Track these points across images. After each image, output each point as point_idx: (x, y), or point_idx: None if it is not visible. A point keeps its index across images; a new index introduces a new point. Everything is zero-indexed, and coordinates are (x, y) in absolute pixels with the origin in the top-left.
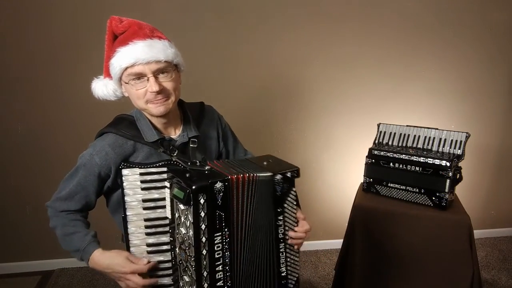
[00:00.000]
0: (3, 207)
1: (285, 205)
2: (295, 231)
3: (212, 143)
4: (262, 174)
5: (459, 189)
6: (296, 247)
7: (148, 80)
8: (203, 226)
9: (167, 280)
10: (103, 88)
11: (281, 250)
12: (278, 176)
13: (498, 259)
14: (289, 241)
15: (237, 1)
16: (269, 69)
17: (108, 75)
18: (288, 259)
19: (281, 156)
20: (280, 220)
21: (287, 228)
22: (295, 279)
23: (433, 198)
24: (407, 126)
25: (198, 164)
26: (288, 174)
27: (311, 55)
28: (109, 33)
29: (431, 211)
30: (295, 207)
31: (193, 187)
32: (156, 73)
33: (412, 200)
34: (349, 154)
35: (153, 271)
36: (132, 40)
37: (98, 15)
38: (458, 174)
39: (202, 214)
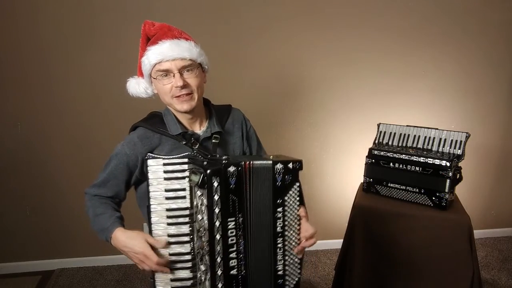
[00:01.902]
0: (3, 208)
1: (286, 198)
2: (299, 231)
3: (236, 142)
4: (262, 162)
5: (459, 189)
6: (295, 250)
7: (174, 76)
8: (216, 210)
9: (186, 274)
10: (135, 86)
11: (278, 246)
12: (279, 165)
13: (498, 259)
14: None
15: (236, 2)
16: (268, 69)
17: (141, 74)
18: (287, 257)
19: None
20: (279, 212)
21: (286, 223)
22: (294, 282)
23: (433, 198)
24: (407, 126)
25: (217, 157)
26: (290, 165)
27: (311, 55)
28: (143, 35)
29: (431, 211)
30: (297, 202)
31: (208, 170)
32: (181, 70)
33: (412, 200)
34: (349, 154)
35: (172, 263)
36: (161, 40)
37: (99, 14)
38: (458, 174)
39: (216, 197)
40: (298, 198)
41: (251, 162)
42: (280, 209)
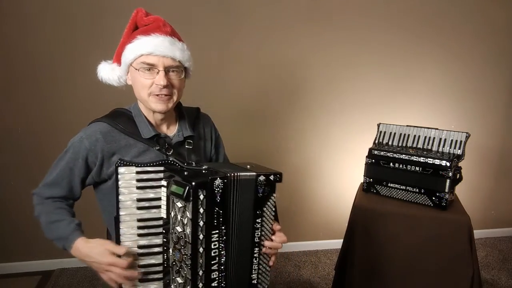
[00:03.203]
0: (3, 207)
1: (264, 209)
2: (272, 240)
3: (207, 145)
4: (247, 173)
5: (459, 189)
6: (271, 258)
7: (157, 73)
8: (201, 223)
9: (156, 285)
10: (109, 72)
11: (254, 255)
12: (261, 177)
13: (498, 259)
14: (264, 250)
15: (239, 3)
16: (269, 69)
17: (118, 61)
18: (261, 266)
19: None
20: (258, 223)
21: (263, 233)
22: None
23: (433, 198)
24: (407, 126)
25: (194, 165)
26: (271, 177)
27: (312, 55)
28: (131, 22)
29: (431, 211)
30: (273, 213)
31: (193, 183)
32: (167, 69)
33: (412, 200)
34: (349, 154)
35: (141, 274)
36: (155, 33)
37: (97, 13)
38: (458, 174)
39: (201, 210)
40: (274, 209)
41: (236, 174)
42: (259, 220)
